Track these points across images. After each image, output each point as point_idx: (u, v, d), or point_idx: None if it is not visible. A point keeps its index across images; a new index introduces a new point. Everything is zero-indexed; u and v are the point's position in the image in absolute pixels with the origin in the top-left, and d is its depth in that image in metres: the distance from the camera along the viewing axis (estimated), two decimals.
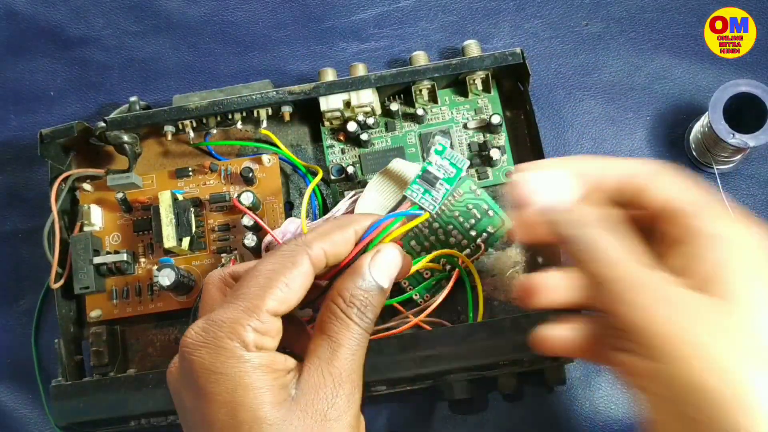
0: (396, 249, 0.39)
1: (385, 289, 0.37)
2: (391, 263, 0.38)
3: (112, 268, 0.53)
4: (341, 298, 0.36)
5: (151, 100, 0.61)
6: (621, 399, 0.54)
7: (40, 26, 0.65)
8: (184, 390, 0.35)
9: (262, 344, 0.34)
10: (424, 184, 0.41)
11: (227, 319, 0.34)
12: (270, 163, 0.55)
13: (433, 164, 0.41)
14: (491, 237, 0.51)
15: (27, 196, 0.61)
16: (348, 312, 0.36)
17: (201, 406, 0.34)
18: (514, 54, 0.53)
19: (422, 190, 0.41)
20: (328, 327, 0.36)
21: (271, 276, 0.35)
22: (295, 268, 0.35)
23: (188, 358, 0.34)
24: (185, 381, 0.35)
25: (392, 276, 0.38)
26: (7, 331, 0.58)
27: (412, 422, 0.55)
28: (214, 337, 0.34)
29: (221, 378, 0.33)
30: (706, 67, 0.59)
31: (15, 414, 0.57)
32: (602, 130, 0.58)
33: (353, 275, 0.37)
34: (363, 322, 0.36)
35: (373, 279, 0.37)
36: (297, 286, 0.35)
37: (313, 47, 0.62)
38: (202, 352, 0.33)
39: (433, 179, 0.41)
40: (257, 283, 0.35)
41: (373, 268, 0.37)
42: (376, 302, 0.37)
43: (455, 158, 0.41)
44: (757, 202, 0.56)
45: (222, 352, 0.33)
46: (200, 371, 0.33)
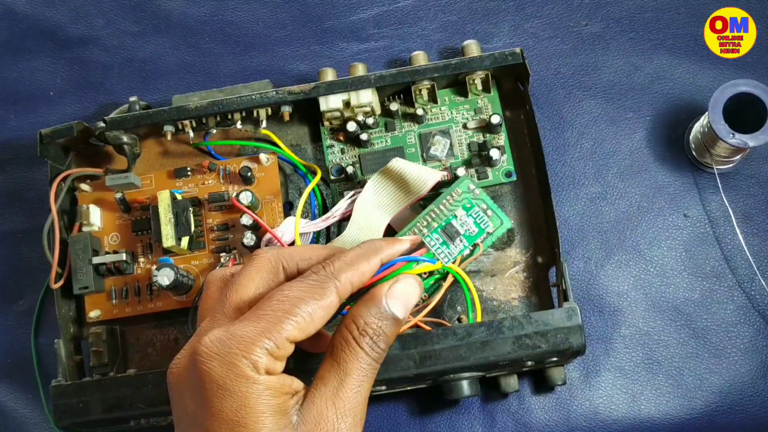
0: (416, 281, 0.38)
1: (400, 320, 0.37)
2: (409, 294, 0.38)
3: (111, 268, 0.53)
4: (355, 326, 0.36)
5: (151, 100, 0.61)
6: (621, 399, 0.54)
7: (40, 26, 0.65)
8: (189, 395, 0.35)
9: (273, 369, 0.34)
10: (444, 236, 0.42)
11: (245, 337, 0.34)
12: (268, 162, 0.55)
13: (458, 218, 0.41)
14: (490, 237, 0.51)
15: (26, 196, 0.61)
16: (360, 341, 0.36)
17: (203, 416, 0.34)
18: (513, 54, 0.53)
19: (441, 241, 0.41)
20: (339, 354, 0.36)
21: (296, 303, 0.35)
22: (321, 300, 0.35)
23: (200, 367, 0.34)
24: (192, 386, 0.35)
25: (409, 307, 0.38)
26: (7, 331, 0.59)
27: (412, 422, 0.55)
28: (229, 352, 0.33)
29: (228, 395, 0.33)
30: (706, 67, 0.59)
31: (15, 414, 0.57)
32: (602, 130, 0.58)
33: (369, 303, 0.37)
34: (374, 352, 0.36)
35: (389, 308, 0.37)
36: (319, 317, 0.35)
37: (312, 47, 0.62)
38: (214, 364, 0.33)
39: (455, 234, 0.41)
40: (282, 307, 0.35)
41: (390, 297, 0.37)
42: (389, 332, 0.37)
43: (481, 219, 0.41)
44: (757, 202, 0.56)
45: (233, 369, 0.33)
46: (209, 383, 0.33)
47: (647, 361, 0.54)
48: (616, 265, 0.56)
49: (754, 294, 0.54)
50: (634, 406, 0.53)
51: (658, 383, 0.54)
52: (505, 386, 0.51)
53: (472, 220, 0.41)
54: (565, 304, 0.48)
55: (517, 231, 0.54)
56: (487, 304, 0.53)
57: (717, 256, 0.55)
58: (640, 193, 0.57)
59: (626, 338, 0.54)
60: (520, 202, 0.54)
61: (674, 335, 0.54)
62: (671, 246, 0.56)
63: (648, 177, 0.57)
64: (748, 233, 0.55)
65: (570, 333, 0.46)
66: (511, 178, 0.54)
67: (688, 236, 0.56)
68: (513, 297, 0.53)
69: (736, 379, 0.53)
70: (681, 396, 0.53)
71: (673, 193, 0.57)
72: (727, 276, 0.55)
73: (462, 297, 0.52)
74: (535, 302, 0.53)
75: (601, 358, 0.54)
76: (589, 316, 0.55)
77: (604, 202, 0.57)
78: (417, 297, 0.38)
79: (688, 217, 0.56)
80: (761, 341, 0.54)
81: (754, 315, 0.54)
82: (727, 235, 0.55)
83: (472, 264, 0.52)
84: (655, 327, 0.54)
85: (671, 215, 0.56)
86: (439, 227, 0.41)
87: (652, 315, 0.55)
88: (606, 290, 0.55)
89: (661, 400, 0.53)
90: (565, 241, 0.56)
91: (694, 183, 0.57)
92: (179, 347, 0.54)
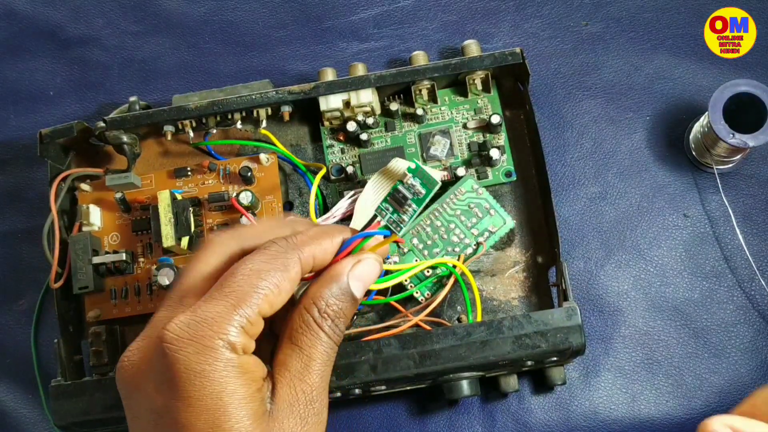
0: (377, 261, 0.37)
1: (357, 300, 0.36)
2: (371, 275, 0.36)
3: (111, 268, 0.53)
4: (315, 307, 0.34)
5: (151, 100, 0.61)
6: (621, 399, 0.54)
7: (40, 26, 0.65)
8: (154, 388, 0.32)
9: (248, 347, 0.32)
10: (393, 203, 0.40)
11: (216, 317, 0.31)
12: (268, 162, 0.55)
13: (403, 183, 0.40)
14: (492, 236, 0.51)
15: (26, 196, 0.61)
16: (321, 323, 0.34)
17: (176, 408, 0.31)
18: (513, 54, 0.53)
19: (390, 210, 0.40)
20: (299, 338, 0.34)
21: (263, 276, 0.33)
22: (287, 272, 0.34)
23: (171, 355, 0.31)
24: (158, 378, 0.32)
25: (366, 288, 0.36)
26: (7, 331, 0.59)
27: (412, 422, 0.55)
28: (203, 335, 0.31)
29: (206, 382, 0.31)
30: (706, 67, 0.59)
31: (15, 414, 0.57)
32: (602, 130, 0.58)
33: (329, 282, 0.35)
34: (335, 335, 0.35)
35: (351, 289, 0.35)
36: (286, 290, 0.34)
37: (312, 47, 0.62)
38: (188, 350, 0.31)
39: (402, 199, 0.40)
40: (248, 281, 0.33)
41: (353, 278, 0.36)
42: (348, 313, 0.35)
43: (426, 178, 0.40)
44: (757, 202, 0.56)
45: (210, 352, 0.31)
46: (183, 371, 0.31)
47: (647, 361, 0.54)
48: (616, 265, 0.56)
49: (754, 294, 0.54)
50: (633, 406, 0.53)
51: (657, 383, 0.54)
52: (505, 386, 0.51)
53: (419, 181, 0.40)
54: (564, 304, 0.48)
55: (517, 231, 0.54)
56: (487, 304, 0.53)
57: (717, 256, 0.55)
58: (640, 193, 0.57)
59: (626, 338, 0.54)
60: (520, 202, 0.54)
61: (674, 335, 0.54)
62: (671, 246, 0.56)
63: (648, 177, 0.57)
64: (748, 233, 0.55)
65: (570, 333, 0.46)
66: (511, 178, 0.54)
67: (688, 236, 0.56)
68: (513, 297, 0.53)
69: (736, 379, 0.53)
70: (681, 396, 0.53)
71: (673, 193, 0.57)
72: (727, 276, 0.55)
73: (462, 297, 0.52)
74: (535, 302, 0.53)
75: (601, 358, 0.54)
76: (588, 316, 0.55)
77: (604, 202, 0.57)
78: (376, 278, 0.37)
79: (688, 217, 0.56)
80: (761, 341, 0.54)
81: (754, 315, 0.54)
82: (726, 235, 0.55)
83: (473, 264, 0.52)
84: (655, 327, 0.54)
85: (671, 215, 0.56)
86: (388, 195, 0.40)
87: (652, 315, 0.55)
88: (606, 290, 0.55)
89: (660, 400, 0.53)
90: (565, 241, 0.56)
91: (694, 183, 0.57)
92: None
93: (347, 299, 0.35)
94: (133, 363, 0.33)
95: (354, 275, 0.36)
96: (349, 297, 0.35)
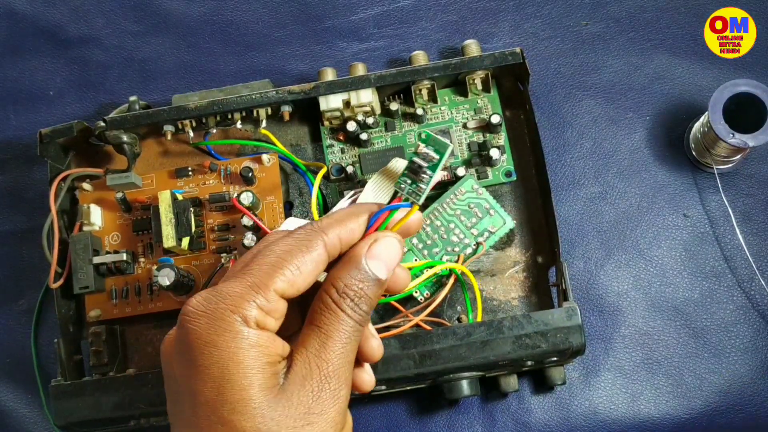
0: (396, 239, 0.37)
1: (382, 281, 0.36)
2: (390, 253, 0.37)
3: (111, 268, 0.53)
4: (334, 289, 0.35)
5: (151, 99, 0.61)
6: (621, 399, 0.54)
7: (40, 26, 0.65)
8: (177, 358, 0.34)
9: (264, 323, 0.33)
10: (411, 175, 0.40)
11: (232, 292, 0.33)
12: (269, 162, 0.55)
13: (418, 154, 0.40)
14: (492, 236, 0.51)
15: (26, 196, 0.61)
16: (340, 303, 0.35)
17: (190, 375, 0.32)
18: (513, 54, 0.53)
19: (409, 182, 0.40)
20: (318, 318, 0.35)
21: (283, 256, 0.34)
22: (309, 253, 0.34)
23: (185, 326, 0.33)
24: (179, 349, 0.33)
25: (391, 267, 0.37)
26: (7, 331, 0.58)
27: (412, 422, 0.55)
28: (216, 308, 0.32)
29: (214, 351, 0.32)
30: (706, 67, 0.59)
31: (15, 414, 0.57)
32: (602, 130, 0.58)
33: (348, 265, 0.36)
34: (356, 314, 0.35)
35: (370, 269, 0.35)
36: (308, 271, 0.34)
37: (312, 47, 0.62)
38: (201, 321, 0.32)
39: (417, 168, 0.40)
40: (268, 261, 0.34)
41: (371, 258, 0.36)
42: (371, 293, 0.35)
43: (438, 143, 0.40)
44: (757, 202, 0.56)
45: (220, 324, 0.32)
46: (195, 341, 0.32)
47: (647, 361, 0.54)
48: (616, 265, 0.56)
49: (754, 294, 0.55)
50: (633, 406, 0.53)
51: (657, 383, 0.54)
52: (505, 386, 0.51)
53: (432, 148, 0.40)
54: (564, 304, 0.48)
55: (517, 231, 0.54)
56: (487, 303, 0.53)
57: (717, 256, 0.55)
58: (640, 192, 0.57)
59: (626, 338, 0.54)
60: (520, 202, 0.54)
61: (674, 335, 0.54)
62: (671, 246, 0.56)
63: (648, 177, 0.57)
64: (748, 233, 0.55)
65: (570, 333, 0.46)
66: (511, 178, 0.54)
67: (687, 236, 0.56)
68: (513, 297, 0.53)
69: (736, 378, 0.53)
70: (681, 396, 0.53)
71: (673, 193, 0.57)
72: (727, 276, 0.55)
73: (462, 297, 0.52)
74: (535, 302, 0.53)
75: (601, 358, 0.54)
76: (588, 316, 0.55)
77: (604, 202, 0.57)
78: (399, 255, 0.37)
79: (687, 217, 0.56)
80: (761, 341, 0.54)
81: (753, 315, 0.54)
82: (726, 234, 0.55)
83: (473, 264, 0.52)
84: (655, 327, 0.54)
85: (671, 215, 0.56)
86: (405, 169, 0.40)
87: (651, 315, 0.55)
88: (606, 290, 0.55)
89: (660, 399, 0.53)
90: (565, 241, 0.56)
91: (694, 183, 0.57)
92: None
93: (367, 279, 0.35)
94: (170, 338, 0.35)
95: (371, 254, 0.36)
96: (369, 277, 0.36)
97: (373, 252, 0.36)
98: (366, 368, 0.40)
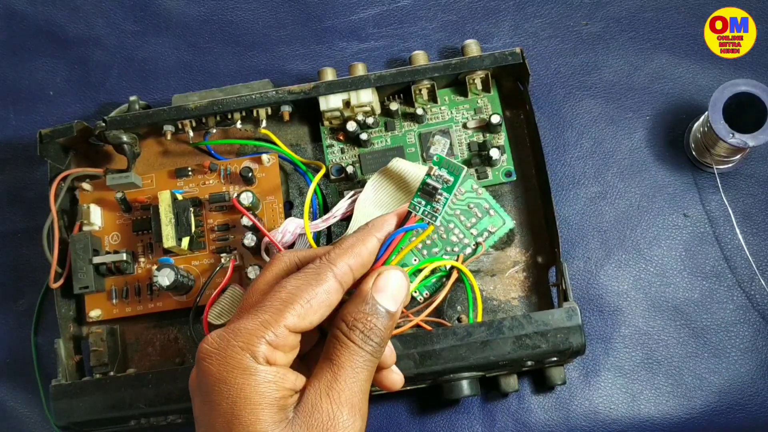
0: (399, 271, 0.38)
1: (392, 312, 0.37)
2: (396, 286, 0.38)
3: (111, 268, 0.53)
4: (344, 323, 0.36)
5: (151, 99, 0.61)
6: (621, 399, 0.54)
7: (40, 26, 0.65)
8: (196, 393, 0.35)
9: (273, 359, 0.34)
10: (425, 196, 0.41)
11: (243, 330, 0.34)
12: (269, 162, 0.55)
13: (431, 176, 0.41)
14: (492, 236, 0.51)
15: (26, 196, 0.61)
16: (350, 335, 0.36)
17: (206, 411, 0.34)
18: (513, 54, 0.53)
19: (423, 203, 0.41)
20: (331, 351, 0.36)
21: (294, 292, 0.35)
22: (319, 286, 0.36)
23: (200, 363, 0.34)
24: (199, 385, 0.35)
25: (399, 299, 0.38)
26: (7, 331, 0.59)
27: (412, 422, 0.55)
28: (227, 346, 0.34)
29: (224, 387, 0.33)
30: (705, 67, 0.59)
31: (15, 414, 0.58)
32: (602, 129, 0.58)
33: (356, 300, 0.37)
34: (367, 345, 0.36)
35: (378, 303, 0.37)
36: (318, 303, 0.35)
37: (312, 47, 0.62)
38: (212, 359, 0.34)
39: (432, 190, 0.41)
40: (279, 297, 0.35)
41: (377, 291, 0.37)
42: (382, 326, 0.36)
43: (451, 166, 0.41)
44: (757, 202, 0.56)
45: (230, 362, 0.34)
46: (208, 378, 0.34)
47: (647, 361, 0.54)
48: (616, 265, 0.56)
49: (754, 294, 0.55)
50: (633, 406, 0.53)
51: (657, 383, 0.54)
52: (505, 386, 0.51)
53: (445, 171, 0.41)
54: (565, 304, 0.48)
55: (517, 231, 0.54)
56: (487, 303, 0.53)
57: (717, 256, 0.55)
58: (640, 192, 0.57)
59: (626, 338, 0.54)
60: (520, 202, 0.54)
61: (674, 335, 0.54)
62: (671, 246, 0.56)
63: (648, 177, 0.57)
64: (748, 233, 0.55)
65: (570, 333, 0.46)
66: (511, 178, 0.54)
67: (687, 236, 0.56)
68: (513, 297, 0.53)
69: (736, 378, 0.53)
70: (681, 396, 0.53)
71: (672, 193, 0.57)
72: (727, 276, 0.55)
73: (462, 297, 0.52)
74: (535, 302, 0.53)
75: (601, 358, 0.54)
76: (588, 316, 0.55)
77: (604, 202, 0.57)
78: (404, 287, 0.38)
79: (687, 217, 0.56)
80: (761, 341, 0.54)
81: (753, 315, 0.54)
82: (726, 234, 0.55)
83: (473, 263, 0.52)
84: (655, 327, 0.54)
85: (671, 215, 0.56)
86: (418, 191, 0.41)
87: (652, 315, 0.55)
88: (606, 290, 0.55)
89: (660, 399, 0.53)
90: (565, 241, 0.56)
91: (693, 183, 0.57)
92: (179, 347, 0.54)
93: (375, 312, 0.36)
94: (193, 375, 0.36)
95: (377, 289, 0.37)
96: (377, 310, 0.37)
97: (378, 285, 0.37)
98: (393, 368, 0.41)
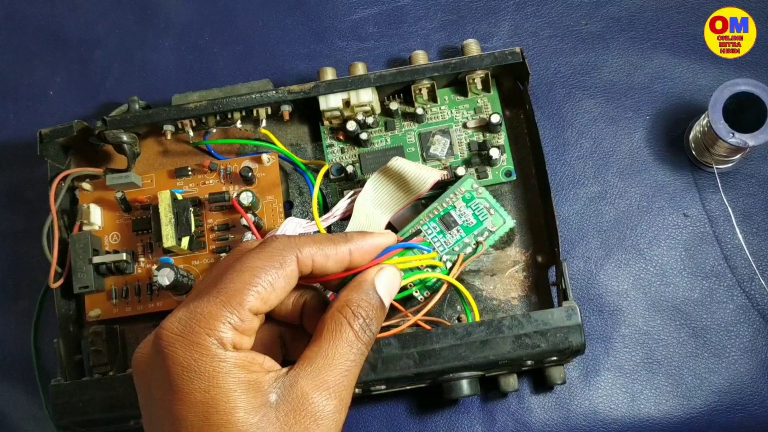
0: (398, 271, 0.38)
1: (385, 308, 0.37)
2: (393, 283, 0.38)
3: (111, 268, 0.53)
4: (349, 309, 0.35)
5: (151, 99, 0.61)
6: (620, 398, 0.54)
7: (40, 26, 0.65)
8: (155, 382, 0.33)
9: (240, 344, 0.33)
10: (442, 225, 0.41)
11: (207, 314, 0.32)
12: (269, 162, 0.55)
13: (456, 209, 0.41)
14: (492, 236, 0.51)
15: (26, 196, 0.61)
16: (353, 323, 0.35)
17: (171, 401, 0.32)
18: (513, 53, 0.53)
19: (438, 230, 0.41)
20: (328, 336, 0.34)
21: (256, 273, 0.33)
22: (282, 269, 0.34)
23: (162, 351, 0.32)
24: (157, 373, 0.33)
25: (392, 296, 0.38)
26: (7, 331, 0.59)
27: (412, 422, 0.55)
28: (191, 332, 0.32)
29: (195, 376, 0.32)
30: (706, 67, 0.59)
31: (15, 414, 0.57)
32: (602, 129, 0.58)
33: (360, 287, 0.36)
34: (365, 336, 0.35)
35: (378, 294, 0.36)
36: (280, 287, 0.34)
37: (312, 46, 0.62)
38: (176, 346, 0.32)
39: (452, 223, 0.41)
40: (241, 278, 0.33)
41: (379, 283, 0.37)
42: (378, 317, 0.36)
43: (479, 210, 0.41)
44: (757, 202, 0.56)
45: (198, 349, 0.32)
46: (173, 366, 0.32)
47: (647, 361, 0.54)
48: (616, 265, 0.56)
49: (754, 294, 0.54)
50: (633, 406, 0.53)
51: (657, 383, 0.54)
52: (505, 386, 0.51)
53: (471, 212, 0.41)
54: (564, 304, 0.48)
55: (517, 230, 0.54)
56: (486, 303, 0.53)
57: (717, 256, 0.55)
58: (640, 192, 0.57)
59: (626, 338, 0.54)
60: (520, 202, 0.54)
61: (674, 335, 0.54)
62: (671, 245, 0.56)
63: (648, 176, 0.57)
64: (748, 233, 0.55)
65: (569, 332, 0.46)
66: (510, 178, 0.54)
67: (687, 236, 0.56)
68: (513, 296, 0.53)
69: (736, 378, 0.53)
70: (681, 395, 0.53)
71: (672, 193, 0.57)
72: (727, 276, 0.55)
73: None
74: (535, 301, 0.53)
75: (601, 358, 0.54)
76: (588, 316, 0.55)
77: (604, 202, 0.57)
78: (398, 286, 0.38)
79: (687, 217, 0.56)
80: (761, 341, 0.54)
81: (753, 314, 0.54)
82: (726, 234, 0.55)
83: (473, 263, 0.52)
84: (655, 326, 0.54)
85: (671, 215, 0.56)
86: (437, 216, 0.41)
87: (651, 314, 0.55)
88: (606, 289, 0.55)
89: (660, 399, 0.53)
90: (565, 241, 0.56)
91: (693, 182, 0.57)
92: None
93: (376, 304, 0.36)
94: (144, 356, 0.34)
95: (379, 281, 0.37)
96: (378, 302, 0.36)
97: (380, 278, 0.37)
98: None
